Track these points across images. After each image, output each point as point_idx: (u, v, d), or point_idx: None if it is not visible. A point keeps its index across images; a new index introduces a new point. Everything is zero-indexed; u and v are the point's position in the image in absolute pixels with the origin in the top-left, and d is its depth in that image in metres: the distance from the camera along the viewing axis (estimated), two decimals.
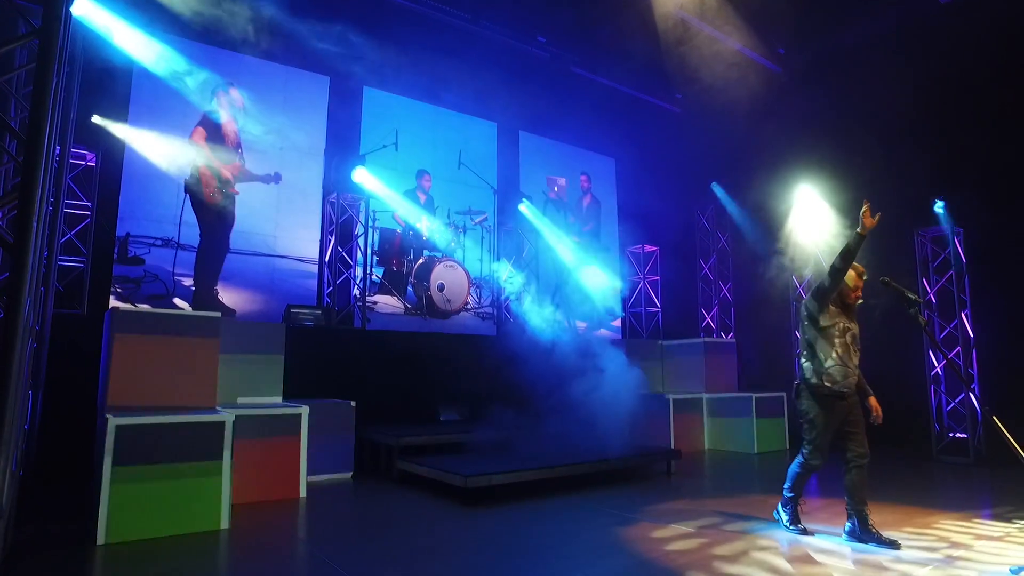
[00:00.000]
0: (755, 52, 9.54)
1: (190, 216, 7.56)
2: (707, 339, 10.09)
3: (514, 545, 4.24)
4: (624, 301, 11.63)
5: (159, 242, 7.32)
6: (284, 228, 8.23)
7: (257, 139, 8.14)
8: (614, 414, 8.06)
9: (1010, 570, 3.58)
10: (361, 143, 9.02)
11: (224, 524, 4.54)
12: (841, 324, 4.29)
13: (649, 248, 11.51)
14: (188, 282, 7.45)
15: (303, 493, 5.69)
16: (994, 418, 3.81)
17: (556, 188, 11.24)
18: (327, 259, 8.37)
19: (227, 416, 4.71)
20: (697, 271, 11.75)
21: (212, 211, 7.70)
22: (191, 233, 7.55)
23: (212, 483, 4.55)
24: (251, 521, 4.83)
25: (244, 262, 7.87)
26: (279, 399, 6.39)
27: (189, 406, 5.03)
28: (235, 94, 8.01)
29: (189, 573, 3.71)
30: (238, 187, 7.94)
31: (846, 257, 4.12)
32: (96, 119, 6.96)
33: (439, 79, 9.34)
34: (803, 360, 4.40)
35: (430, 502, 5.52)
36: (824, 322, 4.29)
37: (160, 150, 7.41)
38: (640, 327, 11.31)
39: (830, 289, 4.24)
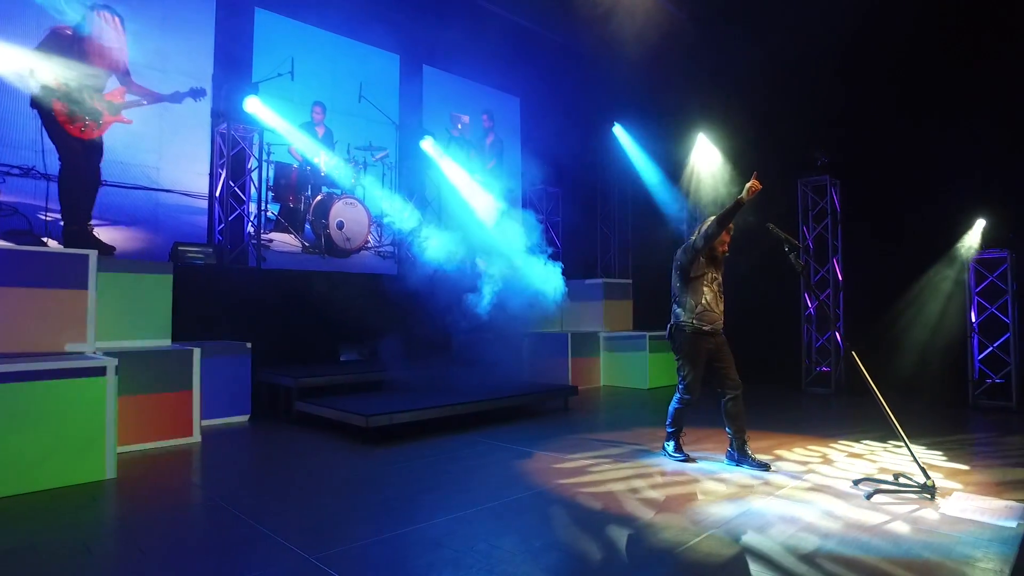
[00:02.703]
0: None
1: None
2: (605, 280, 10.45)
3: (416, 482, 4.32)
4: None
5: (17, 171, 6.58)
6: (169, 160, 7.61)
7: (133, 62, 7.38)
8: (513, 352, 8.26)
9: (852, 482, 4.09)
10: (253, 71, 8.39)
11: (110, 473, 4.34)
12: (710, 274, 4.67)
13: (551, 189, 11.60)
14: (56, 217, 6.80)
15: (197, 438, 5.52)
16: (853, 353, 4.25)
17: (460, 125, 11.02)
18: (218, 194, 7.87)
19: (108, 361, 4.43)
20: (597, 213, 12.06)
21: (75, 140, 6.97)
22: (56, 161, 6.83)
23: (94, 431, 4.30)
24: (140, 469, 4.64)
25: (123, 196, 7.24)
26: (168, 342, 6.07)
27: (62, 351, 4.69)
28: (107, 15, 7.17)
29: (64, 530, 3.48)
30: (128, 115, 7.24)
31: (721, 222, 4.47)
32: None
33: (338, 4, 8.77)
34: (675, 306, 4.75)
35: (331, 443, 5.51)
36: (694, 273, 4.65)
37: (9, 63, 6.54)
38: None
39: (703, 247, 4.57)
